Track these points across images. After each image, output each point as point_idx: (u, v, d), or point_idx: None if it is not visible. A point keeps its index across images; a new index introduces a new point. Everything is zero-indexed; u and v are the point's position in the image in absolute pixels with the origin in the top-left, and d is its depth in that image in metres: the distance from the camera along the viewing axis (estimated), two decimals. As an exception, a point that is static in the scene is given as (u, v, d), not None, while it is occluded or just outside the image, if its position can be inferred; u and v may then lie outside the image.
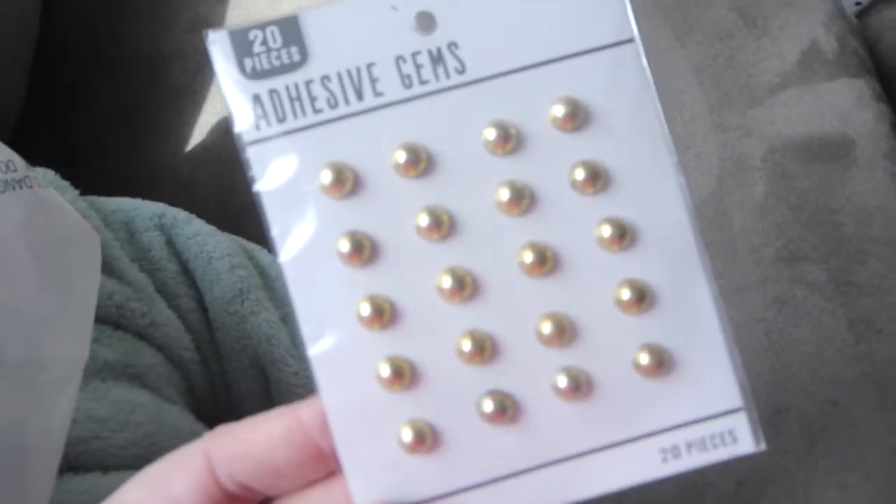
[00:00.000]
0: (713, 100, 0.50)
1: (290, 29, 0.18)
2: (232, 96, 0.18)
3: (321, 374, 0.18)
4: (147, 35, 0.61)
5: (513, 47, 0.18)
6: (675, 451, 0.18)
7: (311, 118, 0.18)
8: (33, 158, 0.29)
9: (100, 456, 0.29)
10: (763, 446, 0.18)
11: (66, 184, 0.37)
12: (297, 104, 0.18)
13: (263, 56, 0.18)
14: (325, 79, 0.18)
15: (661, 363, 0.18)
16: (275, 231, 0.18)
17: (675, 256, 0.18)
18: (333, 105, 0.18)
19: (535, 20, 0.18)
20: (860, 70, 0.51)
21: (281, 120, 0.18)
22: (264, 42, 0.18)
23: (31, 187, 0.26)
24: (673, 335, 0.18)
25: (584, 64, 0.18)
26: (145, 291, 0.36)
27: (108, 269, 0.35)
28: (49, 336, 0.26)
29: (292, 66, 0.18)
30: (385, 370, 0.18)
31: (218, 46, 0.18)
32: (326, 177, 0.18)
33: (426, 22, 0.18)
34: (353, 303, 0.18)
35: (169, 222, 0.39)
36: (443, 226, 0.18)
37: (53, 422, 0.25)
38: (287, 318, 0.39)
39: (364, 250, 0.18)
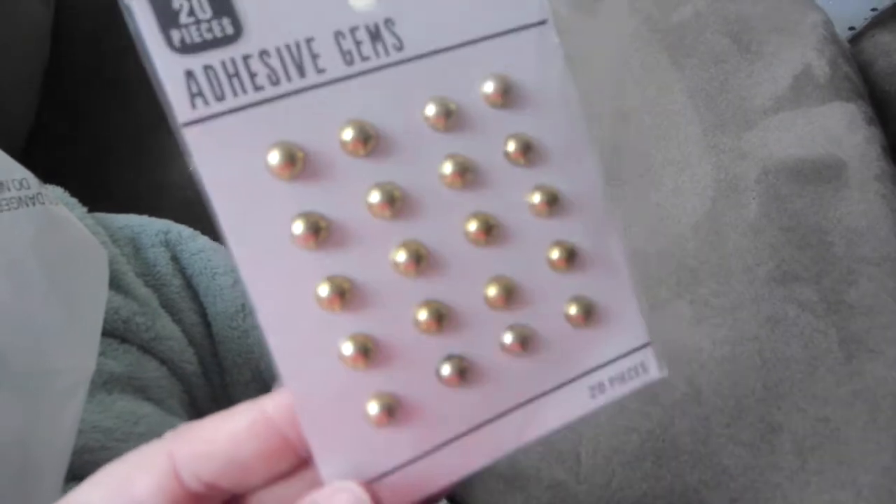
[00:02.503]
0: (707, 122, 0.51)
1: (225, 8, 0.16)
2: (162, 72, 0.16)
3: (284, 362, 0.17)
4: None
5: (446, 25, 0.18)
6: (600, 387, 0.20)
7: (253, 96, 0.17)
8: (43, 176, 0.30)
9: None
10: (666, 372, 0.21)
11: (74, 201, 0.38)
12: (235, 81, 0.16)
13: (193, 28, 0.16)
14: (263, 54, 0.17)
15: (588, 313, 0.20)
16: (222, 219, 0.17)
17: (593, 218, 0.20)
18: (275, 82, 0.17)
19: (465, 3, 0.19)
20: (852, 94, 0.52)
21: (219, 98, 0.16)
22: (192, 12, 0.16)
23: (44, 204, 0.26)
24: (596, 288, 0.20)
25: (511, 42, 0.19)
26: (150, 306, 0.36)
27: (115, 283, 0.36)
28: (57, 348, 0.26)
29: (226, 40, 0.16)
30: (348, 348, 0.18)
31: (138, 15, 0.16)
32: (275, 157, 0.17)
33: None
34: (311, 285, 0.17)
35: (174, 238, 0.40)
36: (395, 202, 0.18)
37: (60, 432, 0.26)
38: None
39: (320, 232, 0.17)
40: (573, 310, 0.20)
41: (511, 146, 0.19)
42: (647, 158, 0.50)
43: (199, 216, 0.52)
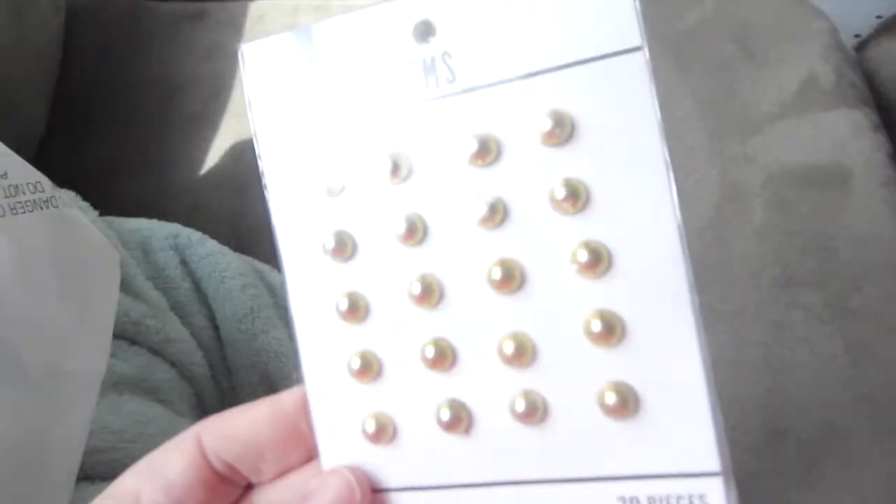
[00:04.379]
0: (713, 128, 0.51)
1: (306, 38, 0.19)
2: (258, 101, 0.19)
3: (305, 358, 0.19)
4: (164, 63, 0.63)
5: (506, 57, 0.17)
6: (634, 502, 0.16)
7: (316, 122, 0.19)
8: (54, 181, 0.30)
9: (115, 466, 0.29)
10: None
11: (85, 205, 0.38)
12: (304, 106, 0.19)
13: (282, 60, 0.19)
14: (330, 84, 0.19)
15: (627, 404, 0.16)
16: (273, 209, 0.19)
17: (659, 292, 0.16)
18: (336, 110, 0.19)
19: (531, 29, 0.17)
20: (857, 101, 0.52)
21: (293, 124, 0.19)
22: (284, 51, 0.19)
23: (57, 207, 0.27)
24: (646, 377, 0.16)
25: (579, 75, 0.16)
26: (160, 309, 0.37)
27: (125, 286, 0.36)
28: (70, 349, 0.27)
29: (302, 70, 0.19)
30: (355, 362, 0.18)
31: (250, 56, 0.20)
32: (324, 176, 0.19)
33: (425, 30, 0.18)
34: (333, 297, 0.19)
35: (183, 242, 0.40)
36: (417, 232, 0.18)
37: (72, 431, 0.26)
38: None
39: (346, 247, 0.19)
40: (610, 397, 0.16)
41: (559, 191, 0.17)
42: (653, 164, 0.50)
43: (207, 221, 0.53)
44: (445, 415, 0.18)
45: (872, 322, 0.42)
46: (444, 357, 0.18)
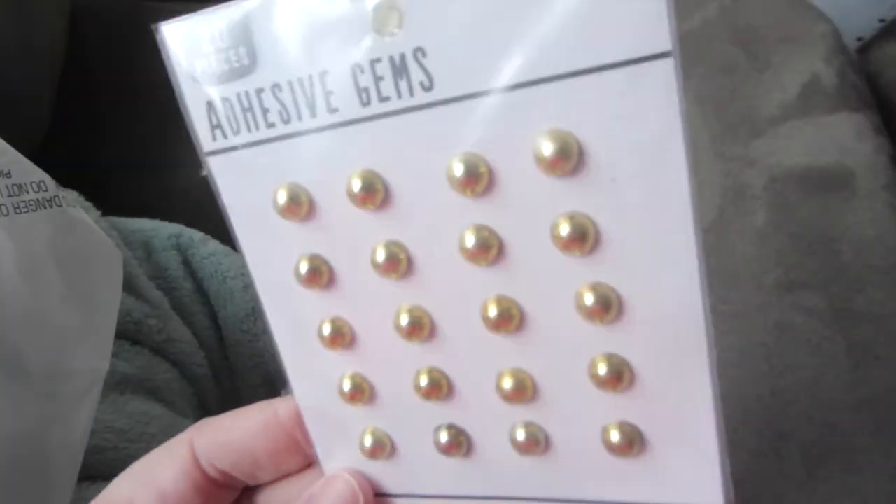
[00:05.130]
0: (716, 130, 0.51)
1: (239, 26, 0.15)
2: (189, 102, 0.16)
3: (294, 381, 0.18)
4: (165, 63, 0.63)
5: (495, 58, 0.13)
6: None
7: (265, 132, 0.16)
8: (57, 180, 0.30)
9: (116, 465, 0.29)
10: None
11: (88, 205, 0.38)
12: (249, 115, 0.16)
13: (213, 56, 0.16)
14: (275, 88, 0.15)
15: (633, 444, 0.16)
16: (242, 246, 0.17)
17: (675, 344, 0.15)
18: (286, 120, 0.15)
19: (526, 25, 0.13)
20: (860, 104, 0.52)
21: (235, 132, 0.16)
22: (212, 40, 0.15)
23: (61, 206, 0.27)
24: (654, 422, 0.15)
25: (590, 86, 0.13)
26: (162, 309, 0.37)
27: (127, 286, 0.36)
28: (73, 348, 0.27)
29: (241, 71, 0.15)
30: (346, 385, 0.18)
31: (172, 42, 0.16)
32: (282, 197, 0.16)
33: (389, 19, 0.14)
34: (314, 323, 0.17)
35: (185, 242, 0.40)
36: (400, 265, 0.16)
37: (74, 431, 0.26)
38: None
39: (322, 275, 0.17)
40: (615, 436, 0.16)
41: (563, 229, 0.14)
42: (655, 166, 0.50)
43: (209, 220, 0.53)
44: (444, 438, 0.17)
45: (875, 324, 0.42)
46: (438, 388, 0.17)
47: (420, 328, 0.16)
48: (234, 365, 0.39)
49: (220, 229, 0.47)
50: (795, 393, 0.40)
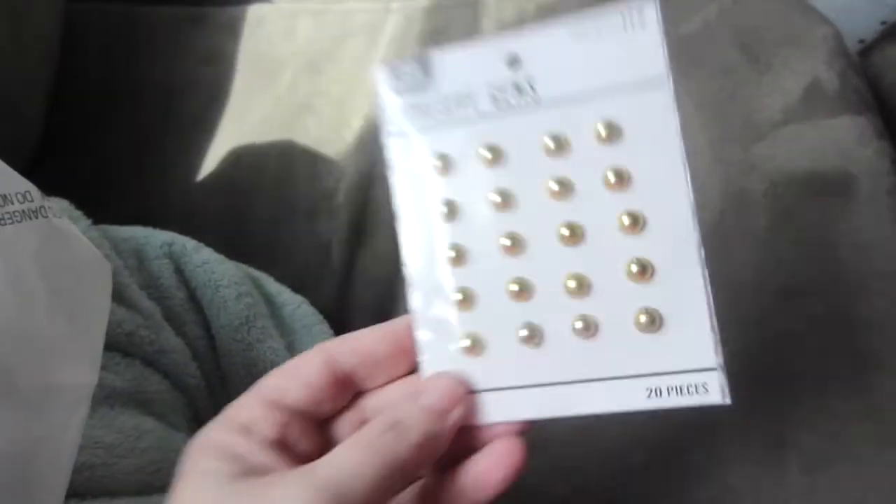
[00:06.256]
0: (716, 134, 0.51)
1: (426, 63, 0.26)
2: (388, 107, 0.26)
3: (415, 293, 0.26)
4: (162, 66, 0.62)
5: (569, 79, 0.24)
6: (658, 391, 0.23)
7: (431, 121, 0.26)
8: (48, 188, 0.30)
9: (106, 482, 0.29)
10: (728, 401, 0.23)
11: (79, 213, 0.38)
12: (422, 111, 0.26)
13: (407, 78, 0.26)
14: (444, 97, 0.26)
15: (654, 322, 0.23)
16: (397, 193, 0.26)
17: (677, 243, 0.23)
18: (448, 114, 0.26)
19: (586, 60, 0.24)
20: (862, 107, 0.51)
21: (412, 123, 0.26)
22: (408, 72, 0.26)
23: (47, 217, 0.26)
24: (668, 303, 0.23)
25: (621, 96, 0.23)
26: (154, 319, 0.36)
27: (118, 296, 0.36)
28: (60, 362, 0.26)
29: (422, 86, 0.26)
30: (457, 296, 0.25)
31: (381, 74, 0.26)
32: (437, 161, 0.26)
33: (514, 61, 0.25)
34: (442, 246, 0.25)
35: (178, 251, 0.40)
36: (507, 200, 0.25)
37: (62, 447, 0.26)
38: (292, 345, 0.40)
39: (455, 213, 0.25)
40: (643, 317, 0.23)
41: (610, 175, 0.23)
42: (655, 171, 0.50)
43: (203, 228, 0.52)
44: (523, 333, 0.24)
45: (877, 331, 0.42)
46: (523, 291, 0.25)
47: (515, 245, 0.25)
48: (228, 374, 0.38)
49: (214, 237, 0.46)
50: (798, 402, 0.40)
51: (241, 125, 0.59)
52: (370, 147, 0.55)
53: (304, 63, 0.61)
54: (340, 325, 0.47)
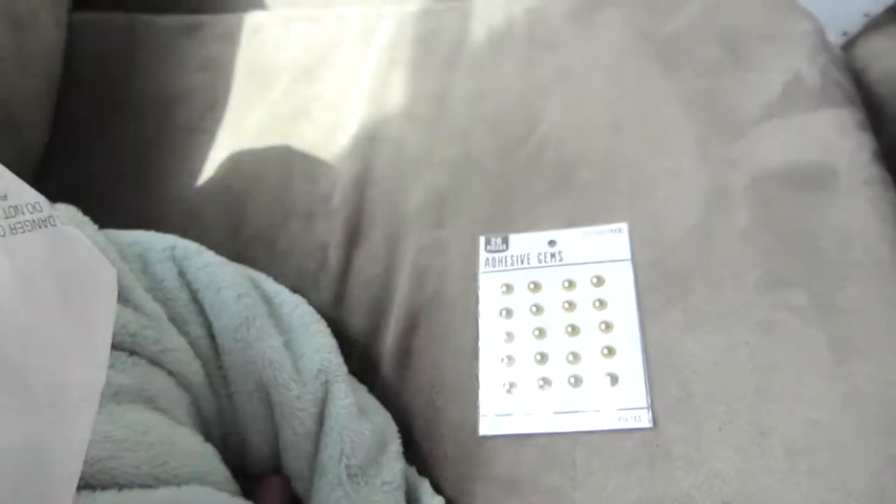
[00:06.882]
0: (700, 131, 0.52)
1: (507, 239, 0.49)
2: (482, 258, 0.49)
3: (483, 357, 0.46)
4: (161, 75, 0.63)
5: (582, 254, 0.47)
6: (616, 418, 0.42)
7: (503, 267, 0.49)
8: (55, 195, 0.31)
9: (115, 474, 0.30)
10: (652, 425, 0.42)
11: (85, 219, 0.39)
12: (499, 263, 0.49)
13: (494, 244, 0.49)
14: (513, 257, 0.49)
15: (615, 381, 0.43)
16: (482, 306, 0.48)
17: (629, 339, 0.44)
18: (513, 265, 0.49)
19: (589, 246, 0.47)
20: (842, 100, 0.52)
21: (494, 268, 0.49)
22: (495, 242, 0.49)
23: (55, 225, 0.28)
24: (623, 370, 0.44)
25: (611, 267, 0.47)
26: (158, 320, 0.38)
27: (124, 299, 0.37)
28: (70, 362, 0.27)
29: (501, 251, 0.49)
30: (505, 361, 0.45)
31: (481, 240, 0.49)
32: (503, 286, 0.48)
33: (553, 242, 0.48)
34: (500, 335, 0.46)
35: (181, 254, 0.41)
36: (537, 314, 0.47)
37: (73, 442, 0.27)
38: (289, 344, 0.41)
39: (511, 315, 0.47)
40: (608, 378, 0.43)
41: (596, 302, 0.45)
42: (641, 168, 0.51)
43: (203, 231, 0.53)
44: (539, 384, 0.44)
45: (857, 319, 0.42)
46: (543, 359, 0.45)
47: (541, 335, 0.46)
48: (229, 373, 0.40)
49: (214, 240, 0.47)
50: (779, 389, 0.41)
51: (238, 131, 0.60)
52: (364, 150, 0.56)
53: (300, 69, 0.62)
54: (337, 323, 0.49)
